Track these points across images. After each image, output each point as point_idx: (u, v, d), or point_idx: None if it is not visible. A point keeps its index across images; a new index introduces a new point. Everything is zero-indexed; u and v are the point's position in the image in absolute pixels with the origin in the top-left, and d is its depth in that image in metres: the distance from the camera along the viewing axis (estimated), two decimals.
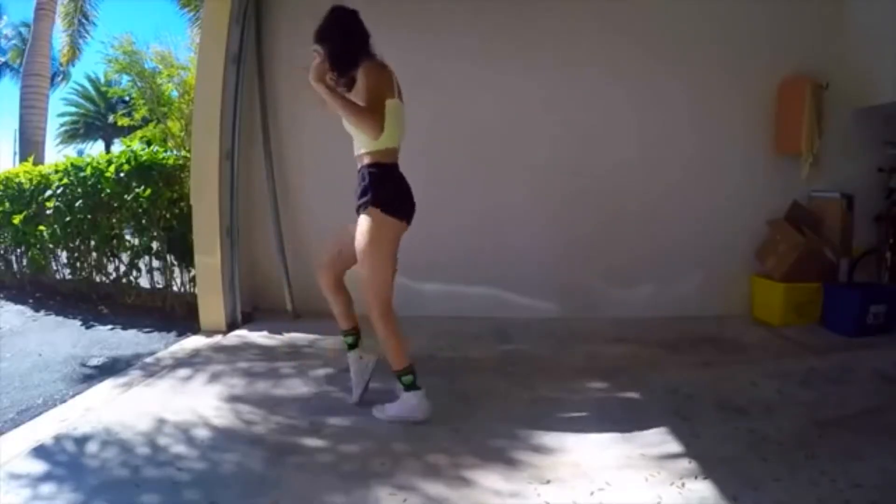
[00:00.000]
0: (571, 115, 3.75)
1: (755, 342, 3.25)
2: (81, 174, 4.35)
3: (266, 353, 3.13)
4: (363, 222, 2.12)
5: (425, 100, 3.89)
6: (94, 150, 19.12)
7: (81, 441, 2.06)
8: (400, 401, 2.22)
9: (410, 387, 2.19)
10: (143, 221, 4.15)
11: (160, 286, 4.31)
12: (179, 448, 2.01)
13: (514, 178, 3.79)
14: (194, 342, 3.34)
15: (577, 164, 3.75)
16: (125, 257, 4.41)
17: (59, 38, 11.92)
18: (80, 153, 18.14)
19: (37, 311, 4.52)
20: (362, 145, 2.18)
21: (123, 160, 4.14)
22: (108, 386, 2.67)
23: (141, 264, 4.35)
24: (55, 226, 4.54)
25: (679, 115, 3.73)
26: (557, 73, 3.72)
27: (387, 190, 2.14)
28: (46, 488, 1.76)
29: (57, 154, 18.84)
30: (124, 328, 3.85)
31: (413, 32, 3.75)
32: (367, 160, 2.17)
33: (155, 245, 4.21)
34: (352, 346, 2.43)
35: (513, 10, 3.71)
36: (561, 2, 3.72)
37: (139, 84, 5.28)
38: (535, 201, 3.79)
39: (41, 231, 4.68)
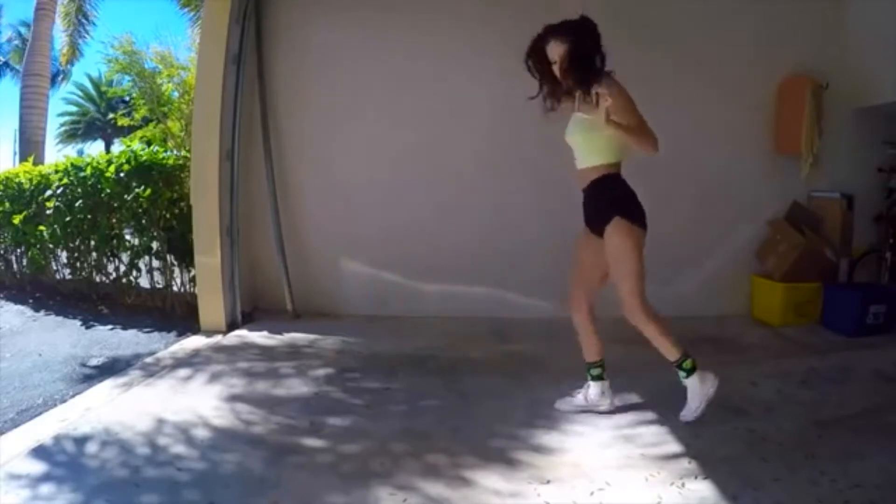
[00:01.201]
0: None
1: (755, 342, 3.25)
2: (81, 174, 4.35)
3: (266, 353, 3.13)
4: (616, 235, 2.17)
5: (427, 103, 3.91)
6: (94, 150, 19.13)
7: (81, 441, 2.06)
8: (690, 390, 2.19)
9: (692, 371, 2.19)
10: (143, 221, 4.15)
11: (160, 286, 4.31)
12: (179, 448, 2.01)
13: (514, 179, 3.79)
14: (194, 342, 3.34)
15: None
16: (125, 257, 4.41)
17: (60, 38, 11.93)
18: (80, 153, 18.17)
19: (37, 311, 4.52)
20: (600, 158, 2.20)
21: (123, 160, 4.14)
22: (108, 386, 2.67)
23: (141, 264, 4.35)
24: (55, 226, 4.54)
25: (679, 115, 3.71)
26: None
27: (631, 201, 2.21)
28: (46, 488, 1.76)
29: (57, 154, 18.87)
30: (124, 328, 3.85)
31: (419, 37, 3.76)
32: (602, 172, 2.20)
33: (155, 245, 4.21)
34: (600, 378, 2.37)
35: (510, 13, 3.70)
36: (560, 2, 3.72)
37: (139, 84, 5.27)
38: (535, 201, 3.79)
39: (41, 231, 4.68)
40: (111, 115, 15.81)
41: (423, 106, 3.83)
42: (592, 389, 2.35)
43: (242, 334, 3.46)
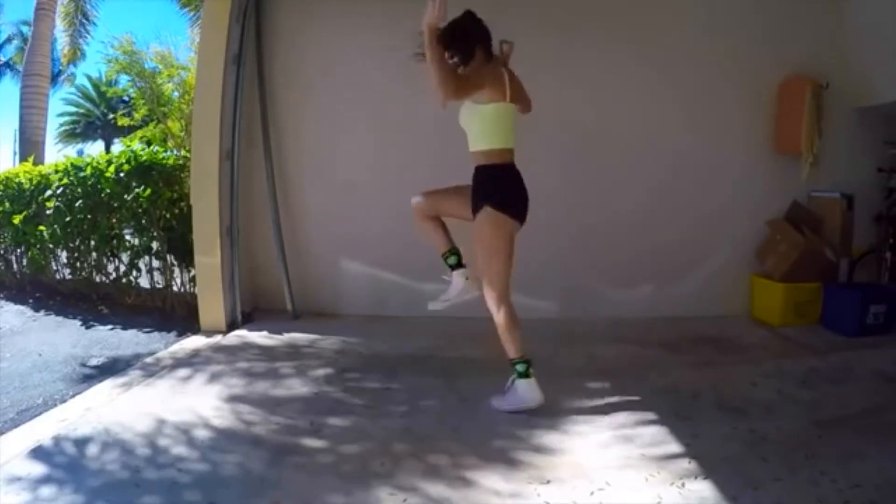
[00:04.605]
0: (571, 115, 3.74)
1: (755, 342, 3.25)
2: (81, 174, 4.35)
3: (266, 353, 3.13)
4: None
5: (427, 103, 3.90)
6: (94, 150, 19.12)
7: (81, 441, 2.06)
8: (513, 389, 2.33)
9: (524, 375, 2.28)
10: (143, 221, 4.15)
11: (160, 286, 4.31)
12: (179, 448, 2.01)
13: None
14: (194, 342, 3.34)
15: (577, 164, 3.75)
16: (125, 257, 4.41)
17: (60, 38, 11.92)
18: (80, 153, 18.15)
19: (37, 311, 4.52)
20: (511, 142, 2.39)
21: (123, 160, 4.14)
22: (107, 386, 2.67)
23: (141, 264, 4.35)
24: (55, 226, 4.54)
25: (679, 115, 3.73)
26: (557, 73, 3.71)
27: None
28: (46, 489, 1.76)
29: (57, 154, 18.85)
30: (124, 328, 3.85)
31: (408, 34, 3.75)
32: (511, 157, 2.40)
33: (155, 245, 4.21)
34: (457, 266, 2.58)
35: (510, 10, 3.69)
36: (560, 1, 3.72)
37: (139, 84, 5.27)
38: (533, 201, 3.78)
39: (41, 231, 4.68)
40: (111, 115, 15.84)
41: (423, 106, 3.82)
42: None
43: (242, 334, 3.46)
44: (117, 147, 13.29)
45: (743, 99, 3.72)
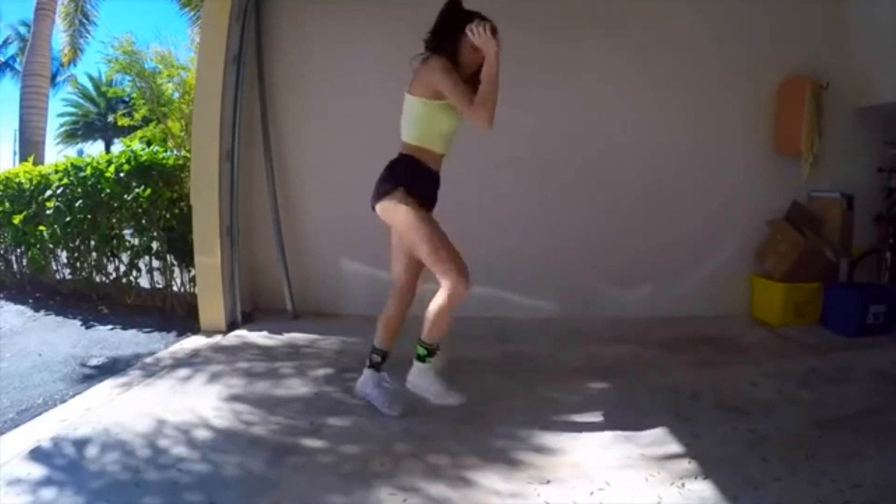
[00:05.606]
0: (571, 115, 3.75)
1: (755, 342, 3.25)
2: (81, 174, 4.35)
3: (266, 353, 3.13)
4: None
5: None
6: (94, 150, 19.13)
7: (81, 442, 2.06)
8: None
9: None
10: (143, 221, 4.15)
11: (160, 286, 4.31)
12: (179, 449, 2.01)
13: (513, 179, 3.78)
14: (194, 342, 3.33)
15: (577, 164, 3.75)
16: (125, 257, 4.41)
17: (60, 38, 11.93)
18: (80, 153, 18.16)
19: (37, 311, 4.52)
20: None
21: (123, 160, 4.14)
22: (107, 386, 2.66)
23: (141, 264, 4.35)
24: (55, 226, 4.54)
25: (679, 115, 3.73)
26: (556, 73, 3.72)
27: None
28: (46, 490, 1.75)
29: (57, 154, 18.84)
30: (124, 328, 3.85)
31: (421, 36, 3.75)
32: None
33: (155, 245, 4.21)
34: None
35: (510, 11, 3.69)
36: (561, 3, 3.72)
37: (139, 84, 5.27)
38: (534, 201, 3.79)
39: (41, 231, 4.68)
40: (111, 115, 15.85)
41: None
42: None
43: (242, 334, 3.46)
44: (117, 147, 13.27)
45: (743, 99, 3.73)
